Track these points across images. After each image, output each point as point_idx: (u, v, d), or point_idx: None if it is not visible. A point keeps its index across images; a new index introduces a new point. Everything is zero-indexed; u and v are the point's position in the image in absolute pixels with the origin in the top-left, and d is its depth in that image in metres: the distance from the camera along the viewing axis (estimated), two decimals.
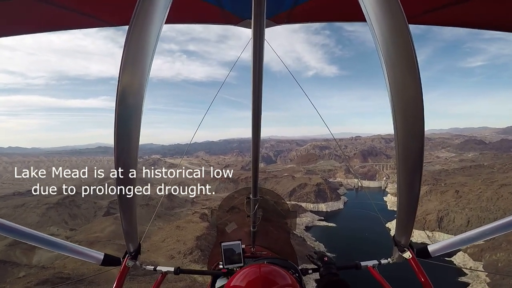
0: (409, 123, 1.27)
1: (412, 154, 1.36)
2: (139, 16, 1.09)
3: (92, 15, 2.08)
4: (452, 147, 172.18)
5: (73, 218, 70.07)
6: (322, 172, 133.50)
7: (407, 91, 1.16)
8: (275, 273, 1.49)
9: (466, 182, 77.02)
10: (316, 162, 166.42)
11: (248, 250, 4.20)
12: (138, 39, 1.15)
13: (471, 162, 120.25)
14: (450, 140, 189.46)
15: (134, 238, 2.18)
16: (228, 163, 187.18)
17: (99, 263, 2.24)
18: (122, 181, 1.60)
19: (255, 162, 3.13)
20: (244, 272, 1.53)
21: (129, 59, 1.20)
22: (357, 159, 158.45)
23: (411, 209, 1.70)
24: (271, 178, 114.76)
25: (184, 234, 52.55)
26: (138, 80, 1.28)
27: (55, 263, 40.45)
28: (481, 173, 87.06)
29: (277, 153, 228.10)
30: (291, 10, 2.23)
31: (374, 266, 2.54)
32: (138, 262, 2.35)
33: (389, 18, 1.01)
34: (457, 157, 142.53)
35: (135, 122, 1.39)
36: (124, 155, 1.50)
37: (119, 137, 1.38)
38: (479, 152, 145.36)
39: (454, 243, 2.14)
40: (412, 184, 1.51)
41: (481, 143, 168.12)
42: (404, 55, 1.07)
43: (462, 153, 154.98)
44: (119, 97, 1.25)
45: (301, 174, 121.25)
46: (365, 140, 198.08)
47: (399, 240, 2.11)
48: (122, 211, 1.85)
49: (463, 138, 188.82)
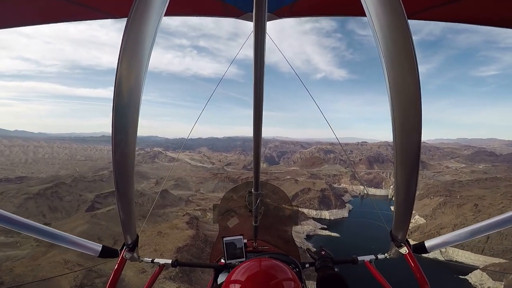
0: (407, 119, 1.29)
1: (410, 149, 1.39)
2: (138, 8, 1.10)
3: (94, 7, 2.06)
4: (462, 158, 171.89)
5: (52, 211, 64.49)
6: (326, 177, 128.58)
7: (406, 87, 1.19)
8: (275, 267, 1.52)
9: (484, 195, 72.40)
10: (320, 166, 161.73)
11: (250, 244, 4.26)
12: (137, 31, 1.16)
13: (484, 174, 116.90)
14: (459, 151, 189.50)
15: (132, 230, 2.15)
16: (230, 161, 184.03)
17: (97, 254, 2.24)
18: (119, 172, 1.61)
19: (257, 156, 3.07)
20: (245, 266, 1.55)
21: (127, 51, 1.20)
22: (363, 165, 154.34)
23: (408, 205, 1.73)
24: (272, 180, 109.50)
25: (165, 243, 45.02)
26: (136, 73, 1.28)
27: (3, 265, 35.38)
28: (499, 186, 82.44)
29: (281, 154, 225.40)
30: (293, 4, 2.23)
31: (371, 261, 2.58)
32: (135, 254, 2.35)
33: (389, 13, 1.01)
34: (467, 168, 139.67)
35: (132, 114, 1.39)
36: (122, 146, 1.49)
37: (117, 128, 1.39)
38: (491, 164, 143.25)
39: (451, 239, 2.13)
40: (410, 179, 1.53)
41: (492, 155, 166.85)
42: (403, 51, 1.08)
43: (472, 164, 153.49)
44: (116, 89, 1.26)
45: (305, 178, 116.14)
46: (371, 146, 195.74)
47: (396, 235, 2.10)
48: (119, 203, 1.82)
49: (472, 149, 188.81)
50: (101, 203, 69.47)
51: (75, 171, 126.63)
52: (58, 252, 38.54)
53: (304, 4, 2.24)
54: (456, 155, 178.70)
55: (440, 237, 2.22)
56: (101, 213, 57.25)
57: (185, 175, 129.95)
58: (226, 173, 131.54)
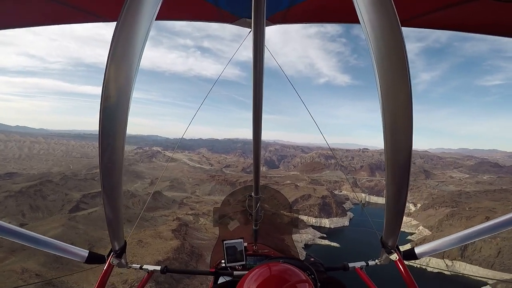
0: (398, 126, 1.29)
1: (400, 158, 1.40)
2: (128, 11, 1.09)
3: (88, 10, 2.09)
4: (465, 168, 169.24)
5: (34, 210, 60.16)
6: (327, 183, 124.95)
7: (397, 94, 1.19)
8: (290, 273, 1.41)
9: (494, 207, 68.74)
10: (321, 172, 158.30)
11: (250, 248, 4.21)
12: (126, 34, 1.15)
13: (489, 185, 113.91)
14: (461, 161, 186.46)
15: (120, 236, 2.12)
16: (229, 163, 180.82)
17: (83, 260, 2.20)
18: (107, 177, 1.60)
19: (257, 160, 3.09)
20: (258, 270, 1.45)
21: (116, 55, 1.18)
22: (364, 172, 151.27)
23: (399, 212, 1.75)
24: (272, 184, 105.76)
25: (144, 254, 39.57)
26: (125, 77, 1.26)
27: None
28: (509, 198, 79.38)
29: (281, 158, 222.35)
30: (287, 10, 2.26)
31: (361, 267, 2.60)
32: (123, 260, 2.31)
33: (382, 20, 1.02)
34: (472, 179, 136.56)
35: (121, 119, 1.38)
36: (109, 151, 1.47)
37: (104, 133, 1.37)
38: (495, 175, 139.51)
39: (441, 245, 2.15)
40: (400, 187, 1.55)
41: (496, 166, 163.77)
42: (395, 58, 1.09)
43: (476, 174, 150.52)
44: (104, 93, 1.25)
45: (305, 183, 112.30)
46: (373, 153, 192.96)
47: (387, 242, 2.13)
48: (107, 207, 1.80)
49: (475, 160, 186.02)
50: (88, 204, 65.40)
51: (68, 169, 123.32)
52: (18, 259, 34.59)
53: (298, 10, 2.25)
54: (459, 165, 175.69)
55: (430, 243, 2.20)
56: (81, 215, 52.83)
57: (181, 176, 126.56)
58: (224, 176, 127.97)
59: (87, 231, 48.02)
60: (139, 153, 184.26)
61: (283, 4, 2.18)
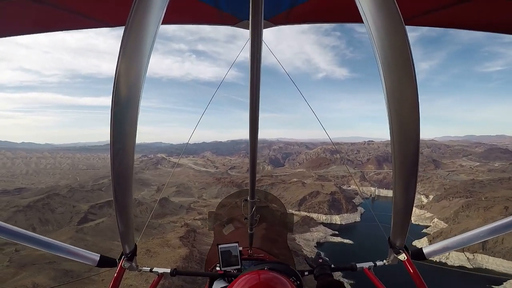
0: (405, 125, 1.28)
1: (408, 156, 1.39)
2: (135, 17, 1.09)
3: (90, 16, 2.12)
4: (475, 155, 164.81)
5: (43, 224, 60.23)
6: (335, 178, 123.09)
7: (403, 93, 1.18)
8: (276, 281, 1.45)
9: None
10: (328, 167, 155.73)
11: (245, 252, 4.29)
12: (134, 39, 1.16)
13: (502, 172, 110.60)
14: (470, 148, 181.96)
15: (130, 239, 2.18)
16: (234, 165, 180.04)
17: (95, 264, 2.23)
18: (118, 181, 1.62)
19: (253, 165, 3.11)
20: (244, 279, 1.50)
21: (125, 60, 1.19)
22: (371, 165, 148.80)
23: (406, 211, 1.73)
24: (278, 183, 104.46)
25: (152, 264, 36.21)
26: (135, 82, 1.28)
27: None
28: None
29: (286, 156, 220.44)
30: (289, 11, 2.27)
31: (369, 268, 2.58)
32: (134, 263, 2.36)
33: (386, 19, 1.02)
34: (483, 167, 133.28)
35: (131, 123, 1.40)
36: (120, 156, 1.49)
37: (115, 137, 1.39)
38: (507, 161, 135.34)
39: (451, 244, 2.11)
40: (408, 187, 1.54)
41: (507, 152, 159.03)
42: (400, 57, 1.09)
43: (487, 162, 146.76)
44: (115, 98, 1.26)
45: (312, 180, 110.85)
46: (379, 145, 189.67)
47: (395, 242, 2.12)
48: (118, 212, 1.84)
49: (484, 147, 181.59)
50: (96, 214, 65.27)
51: (75, 181, 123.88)
52: (29, 274, 34.36)
53: (300, 11, 2.25)
54: (468, 152, 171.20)
55: (438, 243, 2.18)
56: (88, 227, 52.72)
57: (187, 180, 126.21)
58: (230, 177, 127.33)
59: (95, 242, 47.72)
60: (144, 161, 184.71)
61: (284, 5, 2.17)
